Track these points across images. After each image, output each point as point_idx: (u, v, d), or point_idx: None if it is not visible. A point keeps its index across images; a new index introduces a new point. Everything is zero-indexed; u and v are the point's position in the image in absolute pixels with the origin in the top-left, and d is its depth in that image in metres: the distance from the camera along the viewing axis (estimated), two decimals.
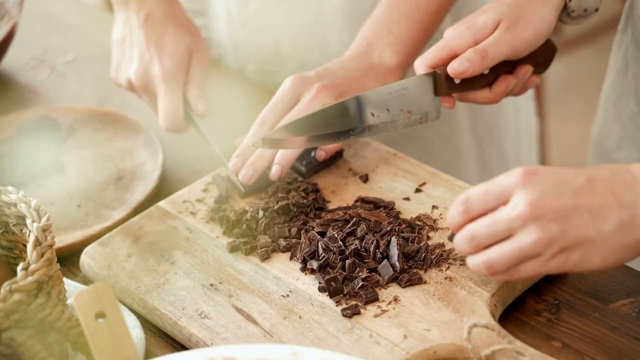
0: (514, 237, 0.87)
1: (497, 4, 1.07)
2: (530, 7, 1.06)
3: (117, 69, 1.25)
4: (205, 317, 0.97)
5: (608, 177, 0.86)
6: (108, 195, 1.21)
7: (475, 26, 1.06)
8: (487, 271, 0.89)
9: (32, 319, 0.85)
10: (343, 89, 1.14)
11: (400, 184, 1.12)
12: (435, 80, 1.08)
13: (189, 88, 1.20)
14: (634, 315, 0.95)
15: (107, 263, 1.05)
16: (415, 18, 1.18)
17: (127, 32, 1.24)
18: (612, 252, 0.86)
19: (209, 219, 1.10)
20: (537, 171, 0.87)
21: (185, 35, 1.22)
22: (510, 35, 1.05)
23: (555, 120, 2.81)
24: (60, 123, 1.33)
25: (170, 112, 1.18)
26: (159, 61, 1.20)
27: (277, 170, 1.10)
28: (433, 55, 1.08)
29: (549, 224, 0.85)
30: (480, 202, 0.89)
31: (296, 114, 1.11)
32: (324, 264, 1.00)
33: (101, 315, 0.80)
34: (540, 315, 0.96)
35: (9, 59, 1.49)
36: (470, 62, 1.04)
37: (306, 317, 0.96)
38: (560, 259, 0.86)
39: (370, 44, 1.18)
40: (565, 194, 0.86)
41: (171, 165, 1.25)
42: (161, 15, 1.23)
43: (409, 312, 0.95)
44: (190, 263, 1.04)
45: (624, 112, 1.24)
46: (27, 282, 0.85)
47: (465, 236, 0.90)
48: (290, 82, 1.14)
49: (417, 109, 1.08)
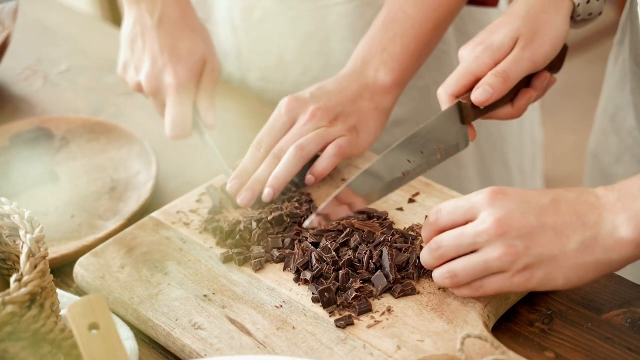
0: (479, 252, 0.90)
1: (510, 18, 1.05)
2: (545, 18, 1.04)
3: (125, 68, 1.24)
4: (199, 328, 0.97)
5: (573, 198, 0.90)
6: (102, 206, 1.20)
7: (492, 47, 1.03)
8: (450, 282, 0.93)
9: (26, 330, 0.85)
10: (337, 110, 1.14)
11: (394, 194, 1.12)
12: (461, 110, 1.05)
13: (200, 98, 1.21)
14: (627, 325, 0.95)
15: (100, 274, 1.05)
16: (410, 36, 1.17)
17: (139, 30, 1.22)
18: (574, 270, 0.89)
19: (203, 230, 1.10)
20: (506, 191, 0.91)
21: (200, 43, 1.22)
22: (529, 52, 1.03)
23: (549, 128, 2.81)
24: (54, 133, 1.33)
25: (179, 123, 1.18)
26: (173, 70, 1.19)
27: (269, 193, 1.10)
28: (455, 83, 1.05)
29: (514, 241, 0.88)
30: (449, 215, 0.93)
31: (291, 138, 1.12)
32: (317, 274, 1.00)
33: (95, 326, 0.80)
34: (533, 326, 0.96)
35: (3, 69, 1.49)
36: (493, 87, 1.02)
37: (300, 328, 0.96)
38: (524, 276, 0.89)
39: (365, 63, 1.18)
40: (530, 213, 0.89)
41: (165, 175, 1.25)
42: (175, 19, 1.22)
43: (403, 322, 0.95)
44: (184, 274, 1.04)
45: (622, 125, 1.25)
46: (20, 294, 0.85)
47: (432, 246, 0.93)
48: (284, 104, 1.14)
49: (447, 143, 1.05)
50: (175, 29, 1.22)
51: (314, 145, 1.11)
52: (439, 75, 1.41)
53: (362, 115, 1.15)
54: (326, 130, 1.13)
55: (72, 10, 1.72)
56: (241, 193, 1.11)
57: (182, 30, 1.22)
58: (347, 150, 1.13)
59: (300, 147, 1.11)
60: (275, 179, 1.10)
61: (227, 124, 1.31)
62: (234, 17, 1.40)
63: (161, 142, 1.29)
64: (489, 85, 1.02)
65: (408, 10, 1.18)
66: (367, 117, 1.15)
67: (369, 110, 1.16)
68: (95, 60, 1.53)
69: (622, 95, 1.24)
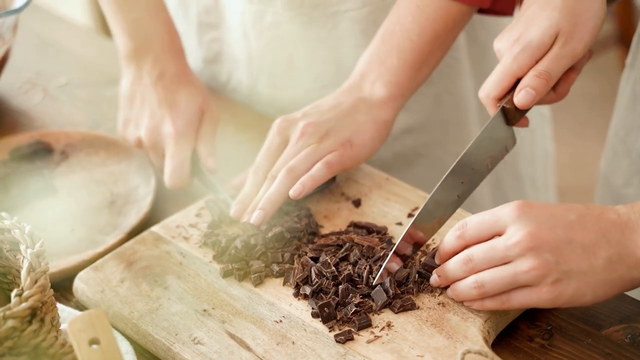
0: (509, 264, 0.90)
1: (546, 8, 1.01)
2: (583, 6, 1.00)
3: (125, 125, 1.26)
4: (199, 342, 0.97)
5: (596, 215, 0.91)
6: (101, 220, 1.20)
7: (531, 45, 1.00)
8: (477, 292, 0.92)
9: (26, 345, 0.85)
10: (329, 125, 1.14)
11: (393, 208, 1.12)
12: (506, 114, 1.03)
13: (200, 144, 1.22)
14: (627, 341, 0.95)
15: (100, 288, 1.05)
16: (407, 48, 1.17)
17: (138, 88, 1.25)
18: (601, 286, 0.90)
19: (202, 244, 1.10)
20: (532, 204, 0.91)
21: (197, 95, 1.24)
22: (570, 48, 1.00)
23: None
24: (54, 147, 1.33)
25: (177, 171, 1.19)
26: (171, 120, 1.21)
27: (259, 215, 1.09)
28: (496, 86, 1.03)
29: (545, 254, 0.89)
30: (475, 229, 0.93)
31: (284, 159, 1.12)
32: (317, 289, 1.00)
33: (95, 341, 0.80)
34: (533, 341, 0.96)
35: (2, 82, 1.49)
36: (535, 89, 1.00)
37: (299, 342, 0.96)
38: (554, 291, 0.89)
39: (363, 77, 1.18)
40: (558, 227, 0.90)
41: (164, 189, 1.25)
42: (173, 75, 1.25)
43: (402, 337, 0.95)
44: (184, 288, 1.04)
45: (633, 147, 1.25)
46: (20, 309, 0.85)
47: (462, 259, 0.93)
48: (276, 125, 1.15)
49: (496, 149, 1.04)
50: (173, 84, 1.24)
51: (304, 165, 1.11)
52: (449, 82, 1.41)
53: (358, 127, 1.15)
54: (316, 147, 1.12)
55: (71, 24, 1.72)
56: (244, 216, 1.11)
57: (179, 83, 1.25)
58: (337, 165, 1.12)
59: (289, 169, 1.11)
60: (267, 202, 1.10)
61: (229, 139, 1.31)
62: (245, 23, 1.40)
63: None
64: (532, 87, 1.00)
65: (405, 22, 1.18)
66: (363, 129, 1.15)
67: (364, 122, 1.15)
68: (94, 74, 1.53)
69: (633, 116, 1.24)
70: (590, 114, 2.97)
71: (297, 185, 1.10)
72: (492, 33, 1.43)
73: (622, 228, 0.89)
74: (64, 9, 2.55)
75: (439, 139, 1.44)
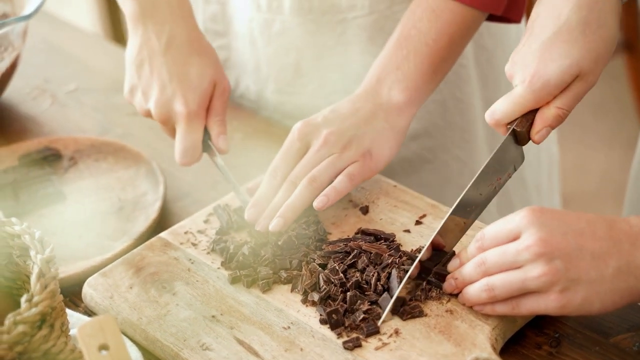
0: (520, 269, 0.91)
1: (566, 40, 0.98)
2: (602, 35, 0.98)
3: (132, 92, 1.21)
4: (207, 348, 0.98)
5: (608, 224, 0.91)
6: (109, 226, 1.21)
7: (550, 84, 0.99)
8: (487, 295, 0.93)
9: (36, 350, 0.86)
10: (350, 134, 1.13)
11: (401, 215, 1.12)
12: (516, 135, 1.03)
13: (211, 123, 1.19)
14: (635, 349, 0.95)
15: (109, 294, 1.06)
16: (424, 53, 1.17)
17: (146, 54, 1.20)
18: (610, 295, 0.90)
19: (211, 251, 1.10)
20: (544, 210, 0.92)
21: (208, 67, 1.20)
22: (589, 84, 1.00)
23: None
24: (62, 153, 1.33)
25: (189, 150, 1.17)
26: (183, 97, 1.17)
27: (278, 222, 1.09)
28: (511, 114, 1.01)
29: (555, 261, 0.90)
30: (492, 238, 0.94)
31: (306, 165, 1.12)
32: (325, 296, 1.01)
33: (104, 347, 0.80)
34: (541, 349, 0.96)
35: (11, 89, 1.50)
36: (552, 126, 1.01)
37: (307, 349, 0.96)
38: (562, 299, 0.90)
39: (379, 81, 1.18)
40: (570, 234, 0.90)
41: (172, 195, 1.26)
42: (183, 42, 1.20)
43: (410, 345, 0.95)
44: (192, 294, 1.05)
45: None
46: (31, 314, 0.85)
47: (477, 261, 0.95)
48: (297, 129, 1.14)
49: (505, 169, 1.04)
50: (183, 53, 1.20)
51: (327, 175, 1.11)
52: (456, 89, 1.41)
53: (376, 136, 1.15)
54: (338, 157, 1.12)
55: (79, 30, 1.72)
56: (260, 221, 1.10)
57: (190, 54, 1.20)
58: (359, 177, 1.12)
59: (312, 178, 1.10)
60: (288, 209, 1.09)
61: (237, 145, 1.31)
62: (253, 30, 1.40)
63: (168, 162, 1.29)
64: (549, 125, 1.01)
65: (421, 27, 1.17)
66: (382, 138, 1.15)
67: (383, 130, 1.15)
68: (103, 80, 1.54)
69: None
70: (595, 120, 2.97)
71: (321, 197, 1.10)
72: (499, 39, 1.43)
73: (634, 239, 0.90)
74: (67, 11, 2.57)
75: (444, 145, 1.44)
